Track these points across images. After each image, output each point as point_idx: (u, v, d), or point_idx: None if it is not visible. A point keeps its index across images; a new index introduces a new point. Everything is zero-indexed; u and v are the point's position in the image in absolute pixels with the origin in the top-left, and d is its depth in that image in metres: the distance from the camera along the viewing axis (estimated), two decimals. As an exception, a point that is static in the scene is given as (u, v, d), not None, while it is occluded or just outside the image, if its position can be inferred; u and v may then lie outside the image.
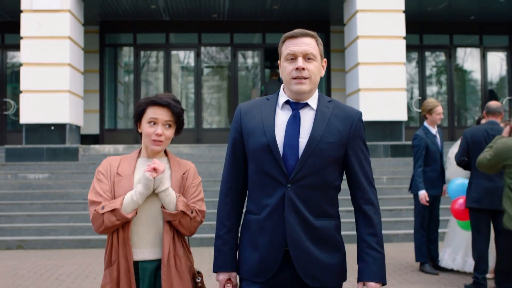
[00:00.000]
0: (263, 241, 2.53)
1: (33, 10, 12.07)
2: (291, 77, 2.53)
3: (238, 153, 2.65)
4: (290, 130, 2.52)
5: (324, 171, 2.51)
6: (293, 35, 2.54)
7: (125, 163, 2.89)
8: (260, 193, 2.56)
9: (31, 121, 12.03)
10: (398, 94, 12.46)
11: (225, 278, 2.64)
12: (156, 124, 2.85)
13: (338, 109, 2.60)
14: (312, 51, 2.52)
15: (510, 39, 16.50)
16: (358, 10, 12.48)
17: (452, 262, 7.16)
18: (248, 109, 2.65)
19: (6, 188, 10.81)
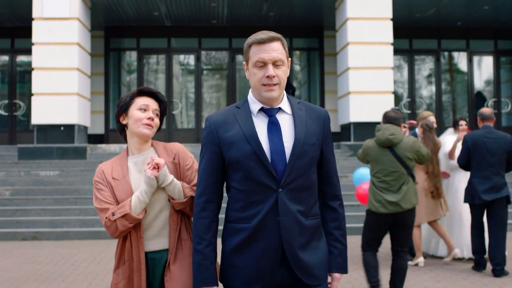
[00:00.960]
0: (257, 248, 2.54)
1: (44, 18, 12.88)
2: (261, 83, 2.54)
3: (216, 164, 2.62)
4: (273, 136, 2.55)
5: (309, 172, 2.60)
6: (261, 41, 2.53)
7: (117, 166, 2.90)
8: (247, 201, 2.55)
9: (42, 122, 12.85)
10: (386, 96, 13.27)
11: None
12: (147, 110, 2.89)
13: (310, 110, 2.67)
14: (280, 57, 2.53)
15: (495, 44, 17.32)
16: (348, 18, 13.30)
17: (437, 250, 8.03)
18: (222, 120, 2.62)
19: (20, 184, 11.62)
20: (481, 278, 6.83)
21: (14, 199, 10.97)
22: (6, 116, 16.13)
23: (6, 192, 11.25)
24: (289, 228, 2.51)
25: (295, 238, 2.52)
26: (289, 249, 2.51)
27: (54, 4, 12.82)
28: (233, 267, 2.59)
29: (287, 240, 2.51)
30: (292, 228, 2.52)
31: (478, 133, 7.28)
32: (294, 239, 2.52)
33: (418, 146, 5.85)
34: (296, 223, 2.53)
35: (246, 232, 2.54)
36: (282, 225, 2.50)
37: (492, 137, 7.19)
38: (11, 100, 16.18)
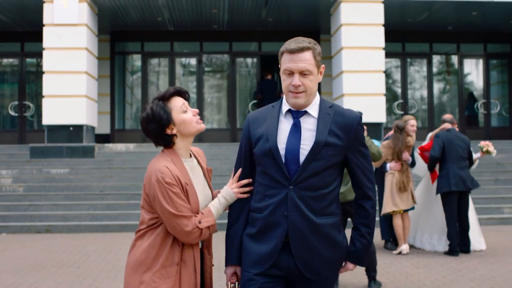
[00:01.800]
0: (265, 237, 2.75)
1: (54, 24, 13.62)
2: (288, 90, 2.72)
3: (248, 157, 2.88)
4: (292, 138, 2.73)
5: (323, 174, 2.72)
6: (291, 51, 2.68)
7: (181, 169, 2.83)
8: (263, 194, 2.77)
9: (52, 122, 13.60)
10: (378, 98, 13.99)
11: (231, 272, 2.89)
12: (188, 109, 2.89)
13: (339, 115, 2.77)
14: (308, 68, 2.67)
15: (485, 47, 18.02)
16: (342, 24, 14.02)
17: (428, 244, 8.72)
18: (255, 117, 2.88)
19: (32, 181, 12.36)
20: (457, 265, 7.55)
21: (28, 195, 11.71)
22: (16, 116, 16.87)
23: (19, 189, 12.00)
24: (297, 224, 2.67)
25: (302, 234, 2.68)
26: (294, 241, 2.68)
27: (63, 11, 13.56)
28: (245, 251, 2.81)
29: (294, 235, 2.68)
30: (300, 224, 2.68)
31: (449, 133, 8.39)
32: (301, 233, 2.68)
33: (368, 145, 6.59)
34: (305, 220, 2.68)
35: (259, 222, 2.76)
36: (290, 220, 2.68)
37: (459, 136, 8.42)
38: (21, 101, 16.91)
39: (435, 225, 8.67)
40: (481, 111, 17.87)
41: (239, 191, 2.87)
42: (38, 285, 6.56)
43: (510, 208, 11.59)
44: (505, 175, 13.03)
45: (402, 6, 15.11)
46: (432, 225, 8.70)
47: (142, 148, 14.06)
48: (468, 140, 8.54)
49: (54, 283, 6.65)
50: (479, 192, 11.78)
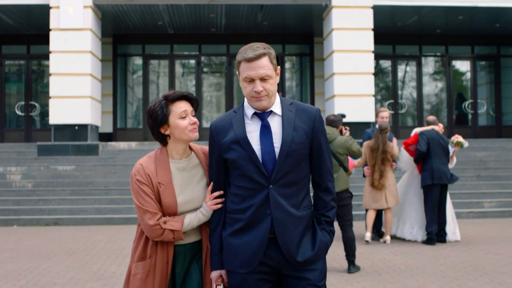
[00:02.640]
0: (250, 236, 2.81)
1: (60, 29, 14.36)
2: (250, 96, 2.80)
3: (221, 164, 2.92)
4: (264, 139, 2.81)
5: (297, 169, 2.84)
6: (248, 59, 2.75)
7: (161, 170, 2.95)
8: (243, 196, 2.83)
9: (58, 122, 14.35)
10: (367, 99, 14.73)
11: (216, 275, 2.94)
12: (187, 116, 2.96)
13: (300, 110, 2.89)
14: (267, 73, 2.76)
15: (472, 49, 18.78)
16: (333, 28, 14.76)
17: (409, 234, 9.46)
18: (220, 126, 2.91)
19: (40, 177, 13.11)
20: (432, 253, 8.29)
21: (36, 190, 12.46)
22: (22, 116, 17.62)
23: (29, 185, 12.75)
24: (281, 220, 2.77)
25: (287, 229, 2.78)
26: (281, 238, 2.78)
27: (69, 16, 14.30)
28: (229, 251, 2.87)
29: (279, 231, 2.77)
30: (284, 219, 2.78)
31: (431, 132, 9.25)
32: (286, 230, 2.78)
33: (349, 144, 7.36)
34: (288, 215, 2.78)
35: (241, 222, 2.82)
36: (274, 217, 2.77)
37: (441, 136, 9.28)
38: (27, 101, 17.65)
39: (416, 216, 9.39)
40: (469, 110, 18.61)
41: (212, 203, 2.92)
42: (51, 269, 7.29)
43: (489, 203, 12.33)
44: (486, 171, 13.77)
45: (392, 11, 15.84)
46: (413, 216, 9.41)
47: (143, 146, 14.83)
48: (448, 139, 9.39)
49: (65, 267, 7.39)
50: (461, 188, 12.55)
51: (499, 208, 12.23)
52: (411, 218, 9.43)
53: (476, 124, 18.57)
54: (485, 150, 14.81)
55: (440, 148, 9.10)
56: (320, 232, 2.90)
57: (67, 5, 14.29)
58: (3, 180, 12.91)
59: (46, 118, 17.44)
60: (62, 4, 14.29)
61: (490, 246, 8.69)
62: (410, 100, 18.80)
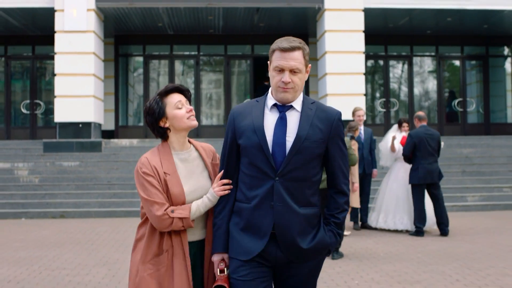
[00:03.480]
0: (253, 226, 2.83)
1: (65, 31, 15.02)
2: (277, 86, 2.82)
3: (233, 150, 2.94)
4: (278, 130, 2.82)
5: (307, 166, 2.83)
6: (283, 49, 2.78)
7: (165, 161, 3.01)
8: (250, 185, 2.85)
9: (63, 120, 15.04)
10: (358, 98, 15.38)
11: (219, 259, 2.95)
12: (183, 105, 3.05)
13: (320, 110, 2.89)
14: (298, 66, 2.79)
15: (462, 49, 19.44)
16: (326, 30, 15.41)
17: (384, 223, 10.13)
18: (240, 111, 2.95)
19: (46, 173, 13.78)
20: (412, 242, 8.96)
21: (43, 185, 13.14)
22: (28, 114, 18.29)
23: (35, 180, 13.43)
24: (282, 213, 2.78)
25: (287, 223, 2.79)
26: (280, 231, 2.79)
27: (73, 19, 14.97)
28: (233, 239, 2.90)
29: (279, 224, 2.79)
30: (285, 213, 2.79)
31: (420, 131, 9.72)
32: (286, 224, 2.79)
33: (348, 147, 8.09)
34: (289, 210, 2.79)
35: (246, 212, 2.85)
36: (276, 210, 2.78)
37: (429, 133, 9.72)
38: (32, 100, 18.32)
39: (397, 207, 10.06)
40: (458, 109, 19.27)
41: (220, 189, 2.95)
42: (60, 256, 7.96)
43: (473, 197, 13.00)
44: (471, 167, 14.44)
45: (384, 13, 16.46)
46: (395, 208, 10.08)
47: (145, 143, 15.51)
48: (438, 134, 9.84)
49: (73, 255, 8.07)
50: (447, 182, 13.19)
51: (482, 202, 12.90)
52: (393, 210, 10.06)
53: (466, 122, 19.22)
54: (471, 147, 15.48)
55: (427, 148, 9.56)
56: (324, 232, 2.91)
57: (71, 8, 14.94)
58: (11, 176, 13.59)
59: (50, 116, 18.16)
60: (66, 7, 14.95)
61: (466, 237, 9.36)
62: (402, 99, 19.46)
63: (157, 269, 2.93)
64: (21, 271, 7.02)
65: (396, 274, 6.75)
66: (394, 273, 6.81)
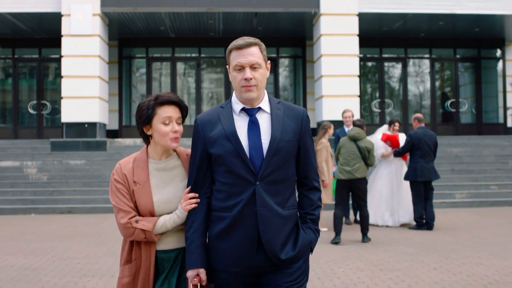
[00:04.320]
0: (237, 234, 2.74)
1: (71, 35, 15.68)
2: (240, 85, 2.74)
3: (204, 161, 2.82)
4: (252, 134, 2.75)
5: (285, 166, 2.79)
6: (239, 46, 2.75)
7: (138, 169, 2.93)
8: (229, 193, 2.75)
9: (70, 120, 15.71)
10: (353, 99, 16.02)
11: (193, 274, 2.80)
12: (171, 122, 2.89)
13: (288, 109, 2.85)
14: (257, 61, 2.74)
15: (454, 52, 20.08)
16: (322, 34, 16.05)
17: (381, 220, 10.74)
18: (206, 120, 2.84)
19: (54, 171, 14.45)
20: (398, 235, 9.58)
21: (51, 182, 13.80)
22: (35, 114, 18.97)
23: (44, 177, 14.09)
24: (266, 218, 2.72)
25: (272, 227, 2.74)
26: (265, 236, 2.73)
27: (79, 23, 15.62)
28: (215, 250, 2.80)
29: (264, 229, 2.72)
30: (269, 217, 2.73)
31: (419, 132, 10.44)
32: (271, 228, 2.73)
33: (372, 149, 9.11)
34: (273, 213, 2.74)
35: (227, 220, 2.75)
36: (260, 215, 2.71)
37: (428, 135, 10.42)
38: (39, 100, 19.00)
39: (386, 204, 10.72)
40: (451, 109, 19.90)
41: (186, 203, 2.85)
42: (70, 247, 8.62)
43: (460, 194, 13.63)
44: (460, 166, 15.07)
45: (378, 17, 17.08)
46: (384, 204, 10.73)
47: (147, 142, 16.13)
48: (435, 135, 10.54)
49: (83, 246, 8.72)
50: (436, 180, 13.79)
51: (469, 199, 13.52)
52: (382, 207, 10.70)
53: (458, 122, 19.86)
54: (461, 146, 16.11)
55: (425, 148, 10.22)
56: (303, 231, 2.87)
57: (78, 13, 15.59)
58: (21, 173, 14.25)
59: (56, 116, 18.83)
60: (73, 12, 15.61)
61: (449, 231, 10.00)
62: (396, 99, 20.10)
63: (127, 275, 2.93)
64: (35, 260, 7.68)
65: (379, 263, 7.39)
66: (377, 262, 7.45)
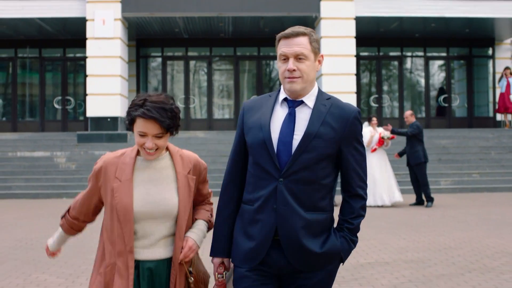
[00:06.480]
0: (254, 230, 2.61)
1: (95, 38, 17.37)
2: (284, 76, 2.60)
3: (241, 146, 2.73)
4: (285, 128, 2.60)
5: (315, 167, 2.58)
6: (286, 36, 2.60)
7: (124, 165, 2.70)
8: (255, 185, 2.63)
9: (94, 115, 17.47)
10: (350, 96, 17.58)
11: (218, 262, 2.75)
12: (146, 136, 2.61)
13: (335, 107, 2.63)
14: (303, 51, 2.56)
15: (447, 51, 21.59)
16: (322, 36, 17.61)
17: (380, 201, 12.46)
18: (251, 106, 2.73)
19: (81, 160, 16.16)
20: (380, 213, 11.17)
21: (79, 170, 15.53)
22: (59, 109, 20.71)
23: (72, 166, 15.82)
24: (286, 217, 2.55)
25: (291, 227, 2.55)
26: (283, 236, 2.56)
27: (102, 27, 17.30)
28: (235, 244, 2.70)
29: (282, 229, 2.56)
30: (290, 218, 2.55)
31: (418, 123, 12.42)
32: (290, 228, 2.55)
33: None
34: (294, 214, 2.55)
35: (249, 215, 2.64)
36: (279, 213, 2.55)
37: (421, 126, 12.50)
38: (63, 96, 20.74)
39: (382, 187, 12.40)
40: (444, 104, 21.42)
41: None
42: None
43: (445, 181, 15.19)
44: (447, 156, 16.60)
45: (375, 19, 18.57)
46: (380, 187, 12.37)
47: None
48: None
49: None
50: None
51: (453, 185, 15.08)
52: (378, 189, 12.32)
53: (451, 116, 21.38)
54: (449, 138, 17.65)
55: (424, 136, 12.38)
56: (335, 238, 2.65)
57: (101, 17, 17.26)
58: (51, 163, 15.98)
59: (79, 111, 20.58)
60: (96, 17, 17.27)
61: (427, 211, 11.60)
62: (393, 95, 21.67)
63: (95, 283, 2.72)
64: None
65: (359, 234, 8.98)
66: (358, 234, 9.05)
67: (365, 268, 6.68)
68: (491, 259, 6.93)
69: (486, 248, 7.61)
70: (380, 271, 6.50)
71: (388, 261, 6.99)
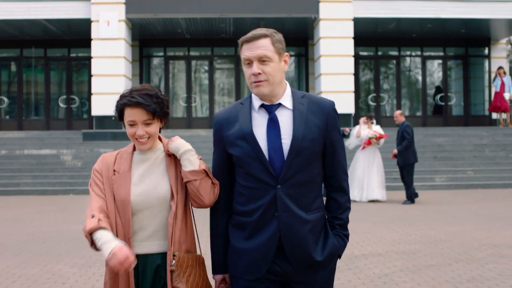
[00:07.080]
0: (256, 240, 2.58)
1: (100, 38, 17.82)
2: (250, 81, 2.55)
3: (225, 160, 2.68)
4: (271, 134, 2.55)
5: (308, 167, 2.58)
6: (247, 39, 2.57)
7: (121, 160, 2.76)
8: (249, 196, 2.58)
9: (99, 113, 17.91)
10: (348, 95, 18.06)
11: (219, 278, 2.74)
12: (136, 125, 2.66)
13: (313, 103, 2.62)
14: (266, 54, 2.52)
15: (444, 50, 22.04)
16: (321, 37, 18.07)
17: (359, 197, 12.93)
18: (225, 118, 2.65)
19: (86, 158, 16.62)
20: (375, 209, 11.62)
21: (85, 168, 15.98)
22: (64, 107, 21.17)
23: (78, 163, 16.29)
24: (288, 223, 2.54)
25: (294, 233, 2.55)
26: (287, 244, 2.55)
27: (106, 28, 17.75)
28: (235, 255, 2.66)
29: (286, 236, 2.55)
30: (292, 223, 2.54)
31: (409, 124, 12.79)
32: (294, 234, 2.55)
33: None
34: (296, 218, 2.55)
35: (248, 226, 2.60)
36: (281, 220, 2.54)
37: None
38: (68, 95, 21.20)
39: (357, 183, 12.89)
40: (440, 103, 21.87)
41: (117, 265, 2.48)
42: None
43: (440, 178, 15.65)
44: (442, 153, 17.06)
45: (373, 20, 19.02)
46: (355, 183, 12.84)
47: (167, 133, 18.27)
48: None
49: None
50: (420, 166, 15.79)
51: (447, 182, 15.55)
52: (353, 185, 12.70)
53: (447, 114, 21.84)
54: (445, 136, 18.11)
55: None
56: (333, 237, 2.68)
57: (105, 19, 17.71)
58: (58, 160, 16.45)
59: (83, 109, 21.03)
60: (101, 19, 17.72)
61: (420, 206, 12.04)
62: (390, 94, 22.13)
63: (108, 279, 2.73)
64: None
65: (354, 227, 9.38)
66: (354, 228, 9.37)
67: (359, 259, 7.14)
68: (477, 251, 7.39)
69: (474, 241, 8.07)
70: (373, 261, 6.96)
71: (381, 253, 7.44)
